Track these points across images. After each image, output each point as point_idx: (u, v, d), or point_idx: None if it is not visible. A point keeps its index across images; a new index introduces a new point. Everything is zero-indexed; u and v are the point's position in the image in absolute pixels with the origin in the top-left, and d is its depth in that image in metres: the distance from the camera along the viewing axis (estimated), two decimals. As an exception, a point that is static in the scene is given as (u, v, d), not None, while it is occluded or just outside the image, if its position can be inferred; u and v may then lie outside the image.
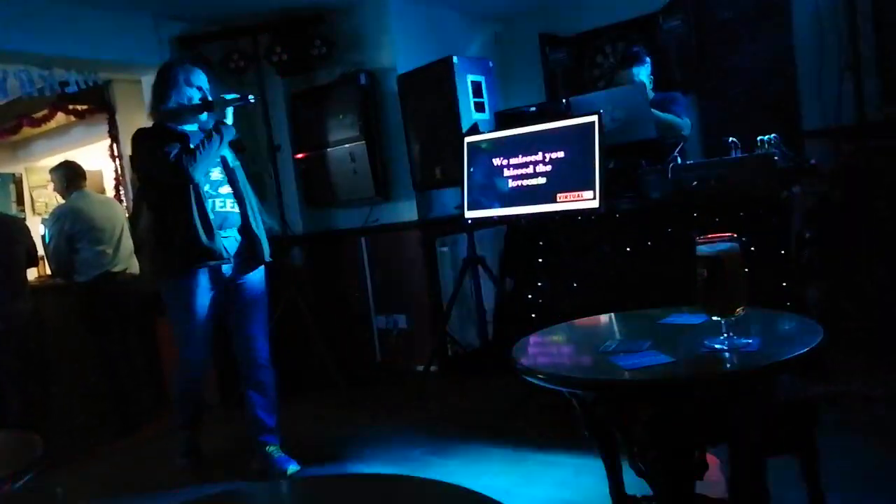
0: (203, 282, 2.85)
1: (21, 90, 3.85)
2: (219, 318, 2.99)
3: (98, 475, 3.35)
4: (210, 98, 2.90)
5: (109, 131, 4.86)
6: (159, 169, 2.77)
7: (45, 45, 3.69)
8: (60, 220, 3.91)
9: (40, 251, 4.32)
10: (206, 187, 2.84)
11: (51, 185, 4.44)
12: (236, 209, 2.92)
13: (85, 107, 4.72)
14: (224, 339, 3.09)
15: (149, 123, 2.98)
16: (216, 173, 2.90)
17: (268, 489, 1.21)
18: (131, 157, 3.01)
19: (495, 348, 4.08)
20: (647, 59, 3.69)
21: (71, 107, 4.70)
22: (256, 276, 3.01)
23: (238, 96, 2.90)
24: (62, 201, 4.10)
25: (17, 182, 6.16)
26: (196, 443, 3.14)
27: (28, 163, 6.24)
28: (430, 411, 3.71)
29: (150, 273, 3.10)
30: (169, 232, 2.81)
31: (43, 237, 4.32)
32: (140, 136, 2.89)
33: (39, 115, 4.83)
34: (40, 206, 6.20)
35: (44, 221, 4.96)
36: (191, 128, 2.89)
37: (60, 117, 4.88)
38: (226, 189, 2.92)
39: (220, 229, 2.84)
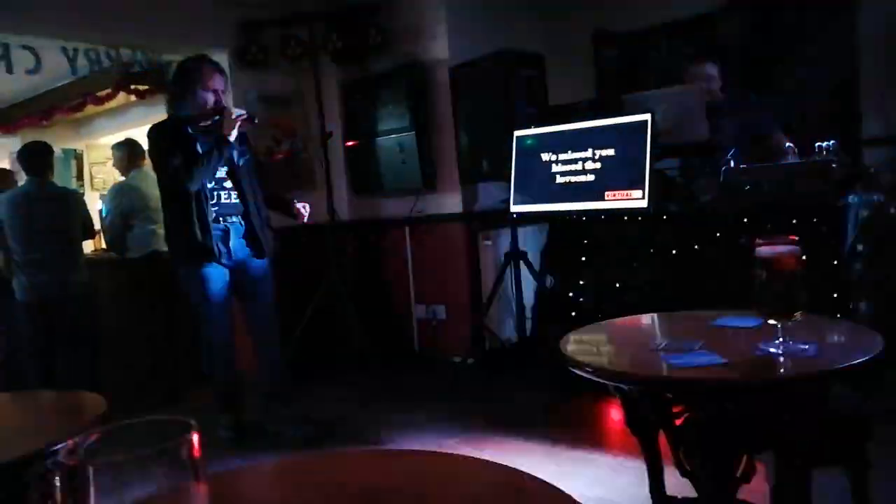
0: (212, 268, 3.04)
1: (89, 68, 3.99)
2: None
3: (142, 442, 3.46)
4: (223, 101, 3.05)
5: (167, 110, 4.98)
6: (161, 173, 3.04)
7: (113, 27, 3.83)
8: (118, 197, 4.04)
9: (97, 225, 4.47)
10: (211, 184, 3.03)
11: (109, 162, 4.59)
12: (239, 200, 3.11)
13: (146, 87, 4.85)
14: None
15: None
16: (221, 171, 3.06)
17: (301, 460, 1.26)
18: (148, 151, 3.19)
19: (534, 344, 4.09)
20: (720, 57, 3.60)
21: (133, 87, 4.83)
22: (262, 262, 3.20)
23: (244, 114, 3.03)
24: (120, 178, 4.23)
25: (79, 158, 6.38)
26: (238, 420, 3.27)
27: (89, 139, 6.44)
28: (466, 402, 3.73)
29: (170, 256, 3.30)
30: (175, 225, 3.06)
31: (100, 212, 4.48)
32: (153, 134, 3.07)
33: (103, 93, 4.97)
34: (98, 182, 6.40)
35: (101, 197, 5.14)
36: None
37: (122, 96, 5.02)
38: (230, 183, 3.09)
39: (226, 217, 3.05)
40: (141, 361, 4.21)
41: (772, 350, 1.40)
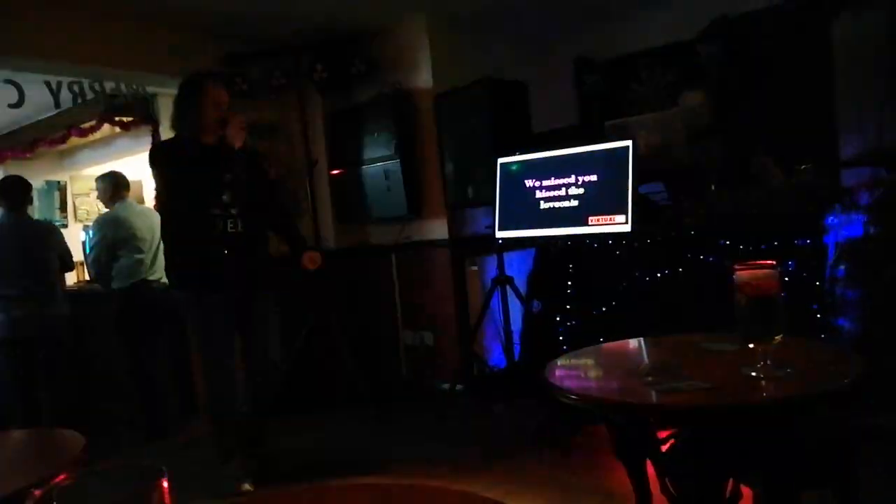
0: (215, 300, 2.91)
1: (73, 101, 4.00)
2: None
3: (126, 479, 3.39)
4: (225, 116, 2.96)
5: (152, 143, 5.00)
6: (163, 194, 2.95)
7: (97, 59, 3.84)
8: (104, 229, 4.02)
9: (79, 257, 4.44)
10: (218, 210, 2.92)
11: (93, 194, 4.58)
12: (244, 230, 2.98)
13: (130, 119, 4.86)
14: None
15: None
16: (226, 195, 2.95)
17: (281, 496, 1.24)
18: (151, 170, 3.10)
19: (521, 370, 4.07)
20: (703, 82, 3.68)
21: (117, 118, 4.84)
22: (263, 295, 3.09)
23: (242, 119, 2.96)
24: (104, 209, 4.22)
25: (62, 190, 6.35)
26: (253, 464, 3.02)
27: (73, 171, 6.42)
28: (455, 430, 3.70)
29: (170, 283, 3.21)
30: (174, 250, 2.97)
31: (84, 244, 4.45)
32: (154, 154, 3.03)
33: (87, 125, 4.98)
34: (82, 213, 6.36)
35: (85, 228, 5.11)
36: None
37: (106, 128, 5.03)
38: (235, 209, 2.97)
39: (230, 249, 2.92)
40: (127, 394, 4.15)
41: (753, 374, 1.40)
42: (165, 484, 0.55)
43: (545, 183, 3.41)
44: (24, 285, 3.76)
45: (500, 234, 3.60)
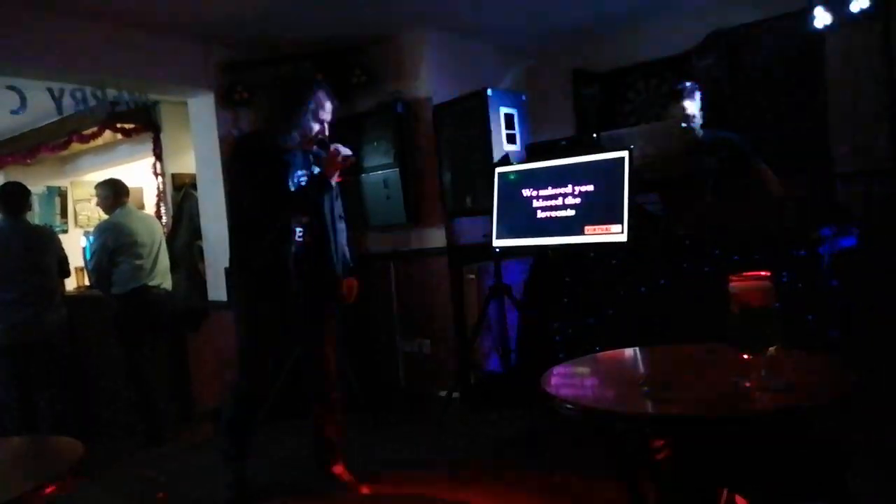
0: (278, 308, 2.75)
1: (75, 108, 4.02)
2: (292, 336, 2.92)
3: (122, 485, 3.40)
4: (327, 131, 2.79)
5: (154, 150, 5.02)
6: (245, 195, 2.69)
7: (100, 66, 3.86)
8: (104, 235, 4.03)
9: (80, 262, 4.45)
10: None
11: (94, 200, 4.60)
12: (313, 238, 2.81)
13: (132, 125, 4.89)
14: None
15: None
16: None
17: None
18: (234, 164, 2.88)
19: (518, 378, 4.09)
20: (698, 94, 3.64)
21: (119, 125, 4.88)
22: (330, 302, 2.94)
23: (351, 154, 2.77)
24: (104, 215, 4.24)
25: (63, 195, 6.36)
26: (243, 474, 2.92)
27: (74, 177, 6.44)
28: (452, 438, 3.71)
29: (186, 290, 3.11)
30: (244, 255, 2.75)
31: (84, 249, 4.47)
32: (246, 146, 2.78)
33: (89, 131, 5.01)
34: (83, 219, 6.38)
35: (86, 234, 5.13)
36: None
37: (108, 135, 5.06)
38: (306, 218, 2.79)
39: (300, 256, 2.75)
40: (126, 400, 4.15)
41: (747, 385, 1.42)
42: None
43: (542, 192, 3.44)
44: (23, 290, 3.78)
45: (497, 243, 3.63)
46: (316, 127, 2.73)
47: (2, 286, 3.75)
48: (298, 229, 2.77)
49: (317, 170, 2.80)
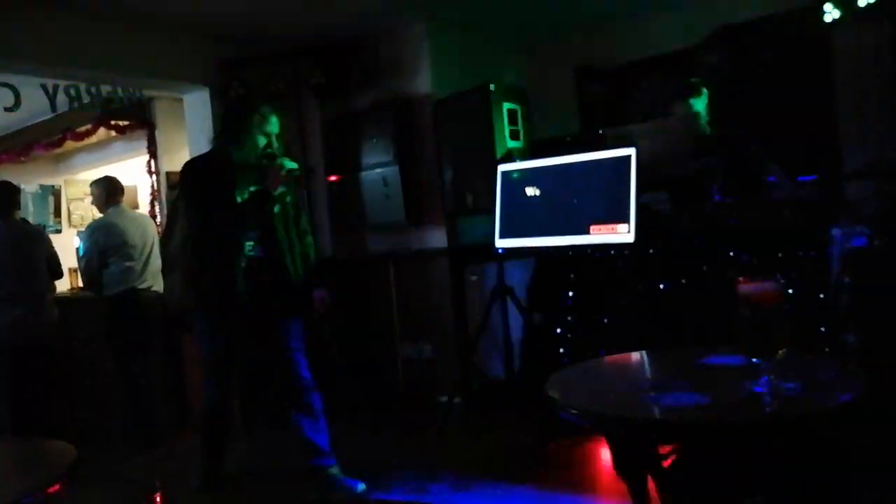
0: (231, 318, 2.83)
1: (69, 105, 3.97)
2: (247, 347, 3.01)
3: (115, 490, 3.34)
4: (275, 144, 2.88)
5: (149, 147, 4.97)
6: (193, 211, 2.84)
7: (94, 63, 3.82)
8: (95, 234, 3.98)
9: (73, 263, 4.39)
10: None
11: (88, 199, 4.55)
12: (269, 251, 2.88)
13: (126, 123, 4.84)
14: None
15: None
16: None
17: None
18: (182, 183, 3.01)
19: (521, 382, 4.02)
20: (705, 91, 3.59)
21: (113, 122, 4.83)
22: (291, 313, 2.98)
23: (295, 168, 2.86)
24: (98, 214, 4.18)
25: (56, 194, 6.31)
26: (215, 470, 3.06)
27: (68, 175, 6.39)
28: (453, 444, 3.65)
29: (181, 293, 3.10)
30: (202, 267, 2.85)
31: (77, 249, 4.41)
32: (192, 167, 2.90)
33: (83, 129, 4.97)
34: (76, 218, 6.32)
35: (79, 234, 5.07)
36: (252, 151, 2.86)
37: (102, 132, 5.01)
38: (260, 231, 2.87)
39: (253, 269, 2.83)
40: (118, 403, 4.09)
41: (757, 389, 1.38)
42: (158, 500, 0.51)
43: (546, 191, 3.37)
44: (12, 290, 3.72)
45: (500, 244, 3.56)
46: (262, 140, 2.84)
47: None
48: (249, 244, 2.85)
49: (296, 172, 2.90)
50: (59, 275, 4.23)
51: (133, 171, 5.48)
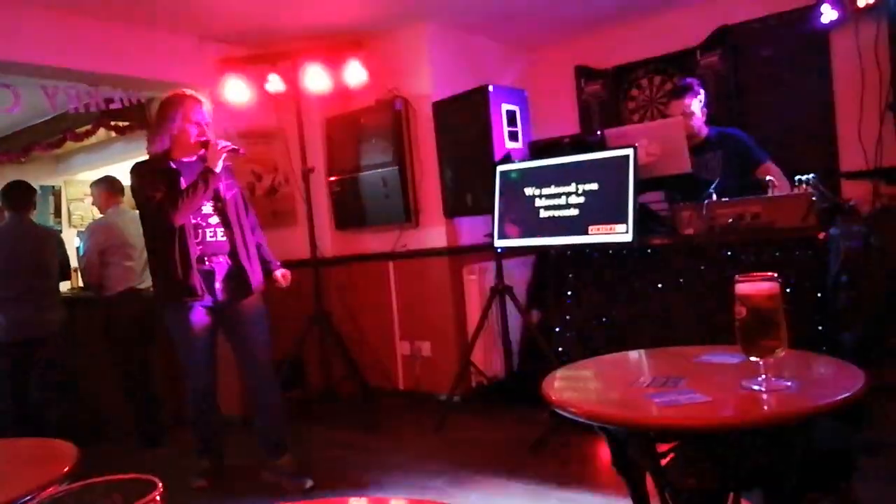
0: (196, 309, 2.94)
1: (68, 105, 3.98)
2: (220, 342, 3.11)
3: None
4: (207, 132, 2.98)
5: (147, 148, 4.97)
6: (145, 209, 2.94)
7: (94, 63, 3.82)
8: (95, 234, 3.99)
9: (74, 263, 4.40)
10: (195, 220, 2.92)
11: (88, 199, 4.56)
12: (226, 238, 2.99)
13: (126, 123, 4.85)
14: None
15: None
16: (207, 207, 2.96)
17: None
18: (131, 188, 3.12)
19: (520, 380, 4.03)
20: (701, 91, 3.57)
21: (113, 123, 4.84)
22: (251, 300, 3.06)
23: (229, 145, 2.97)
24: (98, 215, 4.19)
25: (56, 194, 6.32)
26: (213, 466, 3.18)
27: (67, 176, 6.40)
28: (452, 442, 3.66)
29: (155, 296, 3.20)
30: (158, 263, 2.96)
31: (78, 249, 4.42)
32: (136, 170, 3.00)
33: (83, 130, 4.98)
34: (76, 218, 6.33)
35: (79, 234, 5.08)
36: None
37: (102, 133, 5.02)
38: (216, 219, 2.98)
39: (211, 258, 2.94)
40: (119, 402, 4.10)
41: (754, 387, 1.39)
42: (158, 497, 0.53)
43: (545, 191, 3.38)
44: (25, 289, 3.76)
45: (499, 243, 3.57)
46: (193, 130, 2.94)
47: (6, 284, 3.73)
48: (209, 230, 2.95)
49: (229, 145, 2.98)
50: (69, 276, 4.26)
51: (133, 171, 5.49)
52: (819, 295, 2.84)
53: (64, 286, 4.42)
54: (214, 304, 2.97)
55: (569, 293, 3.43)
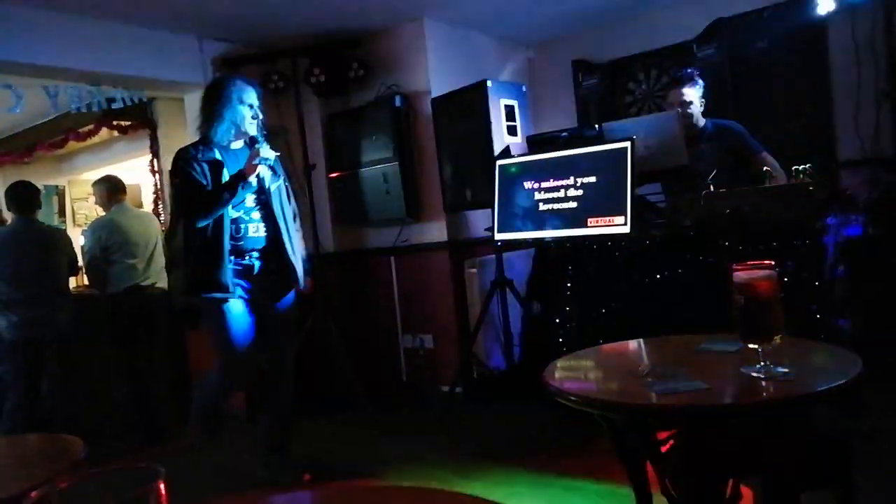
0: (234, 303, 2.83)
1: (70, 105, 4.00)
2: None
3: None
4: (261, 115, 2.88)
5: (151, 147, 5.01)
6: (177, 201, 2.87)
7: (95, 63, 3.84)
8: (98, 232, 4.01)
9: (78, 262, 4.43)
10: (240, 213, 2.82)
11: (92, 198, 4.58)
12: (265, 234, 2.88)
13: (128, 123, 4.87)
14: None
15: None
16: (250, 199, 2.85)
17: (299, 497, 1.24)
18: (171, 172, 3.02)
19: (521, 372, 4.06)
20: (700, 82, 3.56)
21: (115, 122, 4.86)
22: (288, 298, 3.00)
23: (269, 161, 2.82)
24: (102, 214, 4.22)
25: (60, 194, 6.34)
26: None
27: (71, 176, 6.42)
28: (454, 433, 3.69)
29: (184, 288, 3.10)
30: (194, 256, 2.84)
31: (82, 248, 4.45)
32: (178, 156, 2.88)
33: (85, 129, 5.00)
34: (80, 217, 6.36)
35: (83, 233, 5.11)
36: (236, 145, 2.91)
37: (104, 132, 5.04)
38: (258, 214, 2.88)
39: (250, 253, 2.84)
40: (124, 399, 4.13)
41: (753, 374, 1.41)
42: (162, 487, 0.55)
43: (544, 184, 3.40)
44: (36, 288, 3.78)
45: (498, 236, 3.59)
46: (247, 112, 2.82)
47: (16, 285, 3.75)
48: (251, 226, 2.84)
49: (270, 161, 2.84)
50: (77, 273, 4.29)
51: (136, 170, 5.52)
52: (817, 283, 2.86)
53: (70, 284, 4.45)
54: (252, 298, 2.87)
55: (568, 285, 3.46)
